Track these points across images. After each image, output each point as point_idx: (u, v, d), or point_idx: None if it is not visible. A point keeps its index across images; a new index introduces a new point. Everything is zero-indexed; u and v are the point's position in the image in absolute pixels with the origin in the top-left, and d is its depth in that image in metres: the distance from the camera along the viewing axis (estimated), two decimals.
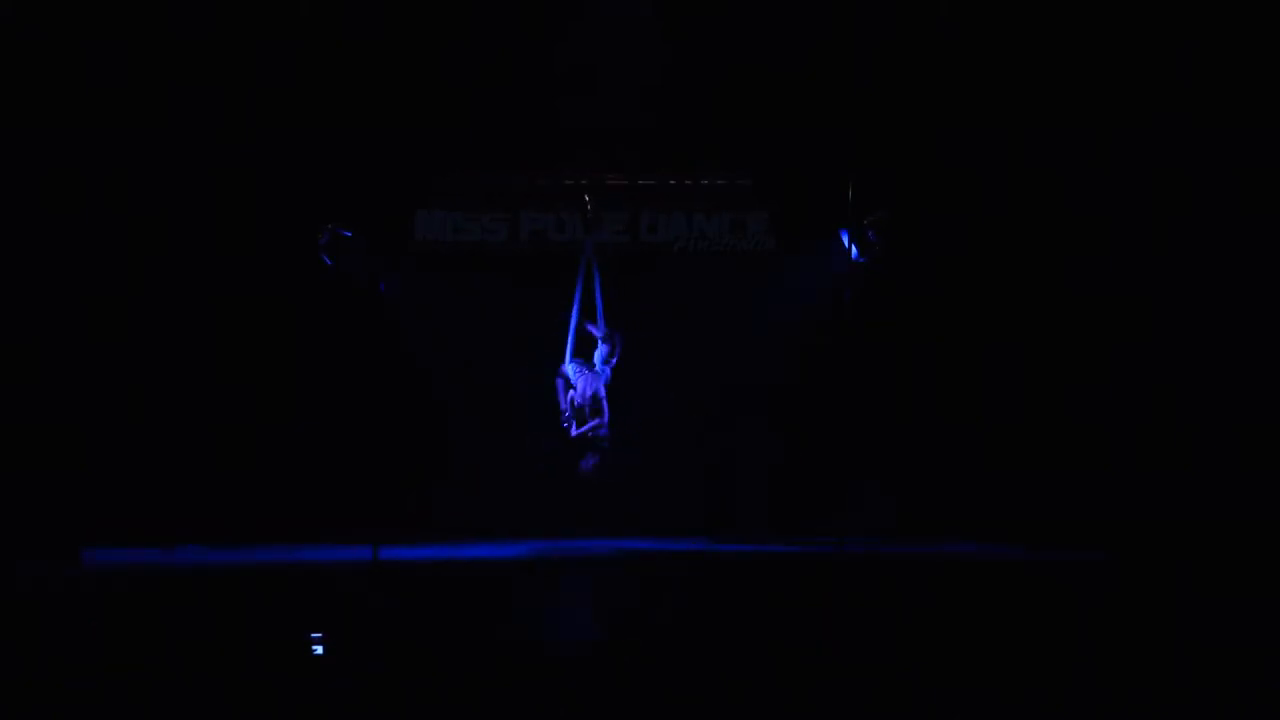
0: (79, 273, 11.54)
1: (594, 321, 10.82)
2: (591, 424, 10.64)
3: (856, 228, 11.29)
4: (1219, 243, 11.11)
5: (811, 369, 12.25)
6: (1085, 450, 11.56)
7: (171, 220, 11.85)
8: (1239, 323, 11.08)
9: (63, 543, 10.07)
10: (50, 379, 11.39)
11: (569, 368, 10.75)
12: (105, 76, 11.33)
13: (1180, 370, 11.30)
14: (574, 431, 10.69)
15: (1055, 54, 11.48)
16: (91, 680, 6.19)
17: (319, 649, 6.59)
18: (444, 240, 12.56)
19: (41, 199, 11.39)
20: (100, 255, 11.62)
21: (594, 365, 10.80)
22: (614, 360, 10.78)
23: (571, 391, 10.70)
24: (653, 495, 12.31)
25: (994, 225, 11.96)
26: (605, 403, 10.68)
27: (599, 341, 10.83)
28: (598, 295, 10.79)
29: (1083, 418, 11.67)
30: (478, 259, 12.58)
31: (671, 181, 12.56)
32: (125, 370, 11.71)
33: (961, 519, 11.86)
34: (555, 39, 11.80)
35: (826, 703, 6.06)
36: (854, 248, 11.32)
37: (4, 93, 11.15)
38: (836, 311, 11.39)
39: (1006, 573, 9.84)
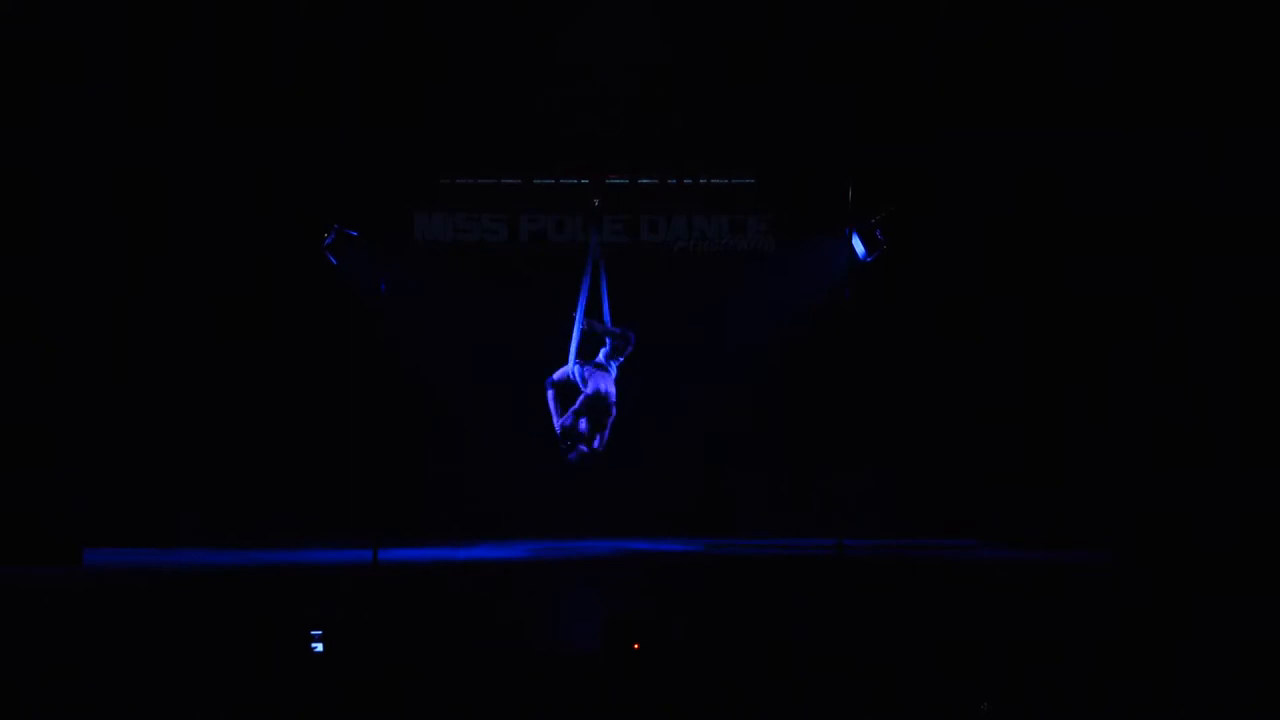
0: (80, 274, 11.55)
1: (599, 320, 10.77)
2: (582, 448, 10.41)
3: (864, 226, 11.31)
4: (1219, 242, 11.11)
5: (811, 368, 12.26)
6: (1086, 450, 11.57)
7: (172, 220, 11.86)
8: (1239, 323, 11.08)
9: (63, 543, 10.08)
10: (52, 380, 11.41)
11: (574, 369, 10.56)
12: (106, 77, 11.34)
13: (1181, 371, 11.30)
14: (570, 451, 10.48)
15: (1055, 54, 11.48)
16: (92, 680, 6.19)
17: (319, 646, 6.59)
18: (444, 240, 12.58)
19: (41, 199, 11.41)
20: (100, 256, 11.64)
21: (604, 365, 10.63)
22: (621, 358, 10.63)
23: (581, 394, 10.50)
24: (653, 496, 12.31)
25: (994, 225, 11.96)
26: (615, 406, 10.45)
27: (605, 340, 10.71)
28: (604, 294, 10.75)
29: (1083, 418, 11.67)
30: (478, 259, 12.59)
31: (671, 181, 12.57)
32: (126, 371, 11.73)
33: (961, 519, 11.88)
34: (555, 40, 11.81)
35: (827, 703, 6.06)
36: (862, 246, 11.33)
37: (3, 92, 11.18)
38: (837, 311, 11.39)
39: (1007, 573, 9.84)
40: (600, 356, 10.69)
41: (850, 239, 11.31)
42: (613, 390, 10.36)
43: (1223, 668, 6.61)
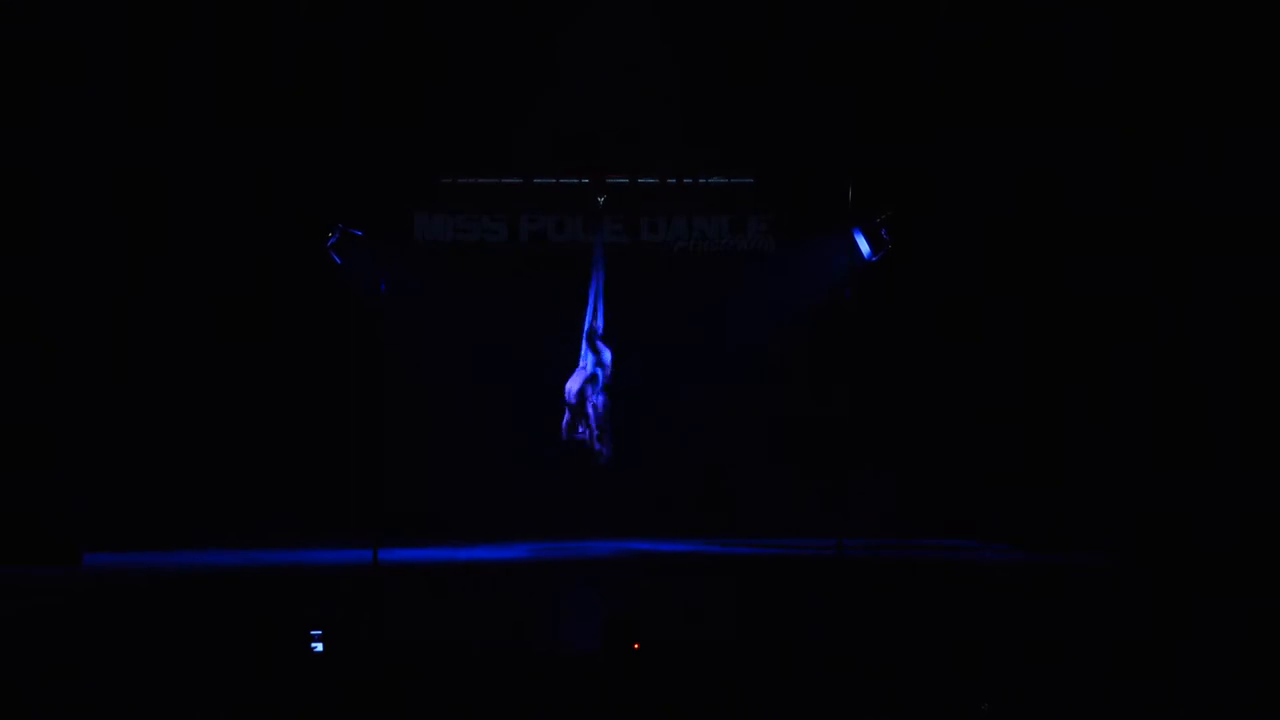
0: (80, 274, 11.55)
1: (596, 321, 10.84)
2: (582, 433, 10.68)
3: (869, 226, 11.31)
4: (1219, 242, 11.11)
5: (811, 368, 12.27)
6: (1086, 450, 11.56)
7: (172, 220, 11.86)
8: (1239, 323, 11.08)
9: (63, 543, 10.08)
10: (52, 380, 11.40)
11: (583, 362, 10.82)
12: (106, 77, 11.34)
13: (1181, 371, 11.30)
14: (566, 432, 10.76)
15: (1055, 54, 11.48)
16: (92, 680, 6.19)
17: (319, 646, 6.59)
18: (444, 240, 12.58)
19: (41, 199, 11.41)
20: (100, 256, 11.63)
21: (588, 367, 10.78)
22: (607, 358, 10.76)
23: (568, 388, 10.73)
24: (652, 495, 12.30)
25: (994, 225, 11.96)
26: (592, 406, 10.66)
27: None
28: (601, 296, 10.80)
29: (1083, 418, 11.67)
30: (478, 259, 12.59)
31: (671, 181, 12.58)
32: (126, 371, 11.72)
33: (961, 519, 11.87)
34: (555, 40, 11.81)
35: (827, 703, 6.06)
36: (867, 245, 11.33)
37: (3, 92, 11.18)
38: (837, 311, 11.39)
39: (1007, 573, 9.84)
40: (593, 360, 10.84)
41: (855, 238, 11.31)
42: (584, 390, 10.57)
43: (1223, 668, 6.62)
